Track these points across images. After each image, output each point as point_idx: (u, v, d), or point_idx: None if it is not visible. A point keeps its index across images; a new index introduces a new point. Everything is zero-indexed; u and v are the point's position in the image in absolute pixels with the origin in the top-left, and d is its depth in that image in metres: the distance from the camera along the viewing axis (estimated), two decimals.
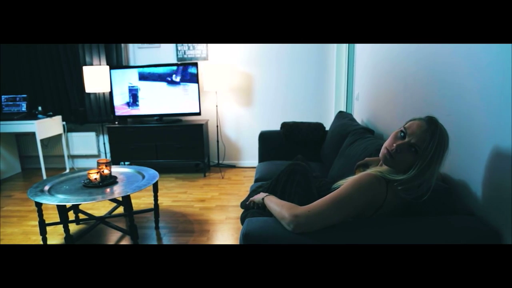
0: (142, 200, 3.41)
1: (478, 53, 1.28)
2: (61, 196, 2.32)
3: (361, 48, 3.21)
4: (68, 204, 2.22)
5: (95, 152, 4.76)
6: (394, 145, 1.21)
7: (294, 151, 2.95)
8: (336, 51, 4.11)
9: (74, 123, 4.66)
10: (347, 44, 3.83)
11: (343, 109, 4.01)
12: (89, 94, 4.48)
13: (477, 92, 1.28)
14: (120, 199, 2.93)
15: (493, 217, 1.22)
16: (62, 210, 2.31)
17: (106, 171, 2.59)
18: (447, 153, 1.16)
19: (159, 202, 3.32)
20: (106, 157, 4.72)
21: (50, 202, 2.22)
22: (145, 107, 4.26)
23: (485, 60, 1.24)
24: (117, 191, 2.42)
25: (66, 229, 2.34)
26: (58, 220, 2.78)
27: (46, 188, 2.48)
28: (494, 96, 1.18)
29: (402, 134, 1.22)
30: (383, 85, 2.47)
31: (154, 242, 2.60)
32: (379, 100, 2.56)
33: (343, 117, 2.80)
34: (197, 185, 3.91)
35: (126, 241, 2.63)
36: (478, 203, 1.31)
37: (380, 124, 2.52)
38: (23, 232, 2.85)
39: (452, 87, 1.47)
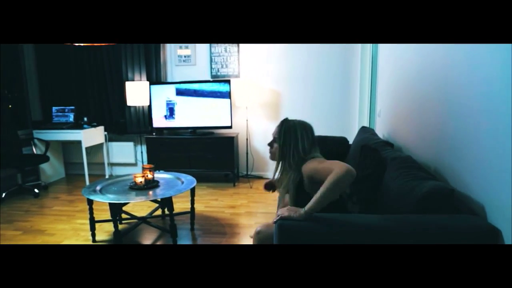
0: (177, 205, 3.70)
1: (485, 76, 1.52)
2: (111, 196, 2.64)
3: (382, 69, 3.44)
4: (119, 202, 2.53)
5: (132, 160, 5.13)
6: (270, 151, 1.93)
7: None
8: (360, 71, 4.34)
9: (115, 134, 5.05)
10: (370, 64, 4.06)
11: (366, 124, 4.22)
12: (129, 107, 4.87)
13: (480, 112, 1.51)
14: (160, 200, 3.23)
15: (493, 217, 1.43)
16: (114, 207, 2.63)
17: (149, 176, 2.90)
18: (297, 136, 1.79)
19: None
20: None
21: (103, 200, 2.54)
22: (181, 120, 4.61)
23: (490, 85, 1.47)
24: (160, 193, 2.72)
25: (116, 225, 2.65)
26: (102, 219, 3.11)
27: (98, 188, 2.81)
28: (493, 116, 1.40)
29: (269, 144, 1.94)
30: (401, 103, 2.69)
31: (190, 242, 2.87)
32: (398, 116, 2.78)
33: (365, 132, 3.02)
34: (227, 193, 4.18)
35: (164, 240, 2.91)
36: (480, 204, 1.52)
37: (399, 138, 2.73)
38: (73, 229, 3.18)
39: (460, 108, 1.70)
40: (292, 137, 1.80)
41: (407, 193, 1.65)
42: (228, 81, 4.45)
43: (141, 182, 2.83)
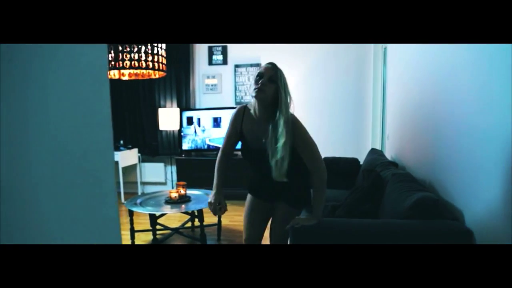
0: (205, 219, 4.08)
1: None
2: (150, 208, 3.06)
3: (390, 96, 3.80)
4: (157, 213, 2.95)
5: (162, 180, 5.58)
6: (259, 83, 1.67)
7: (333, 181, 3.52)
8: (372, 97, 4.71)
9: (147, 155, 5.54)
10: (382, 91, 4.42)
11: (378, 146, 4.54)
12: (161, 131, 5.36)
13: (460, 138, 1.87)
14: (196, 212, 3.63)
15: (469, 221, 1.75)
16: (152, 218, 3.05)
17: (182, 191, 3.32)
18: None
19: None
20: (172, 185, 5.52)
21: (144, 211, 2.96)
22: (207, 143, 5.05)
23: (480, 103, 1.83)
24: (192, 206, 3.12)
25: (154, 234, 3.05)
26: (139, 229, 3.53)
27: (138, 202, 3.24)
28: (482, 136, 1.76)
29: (258, 77, 1.70)
30: (405, 128, 3.04)
31: None
32: (402, 140, 3.12)
33: (374, 153, 3.37)
34: (234, 208, 4.54)
35: None
36: (460, 210, 1.85)
37: (403, 158, 3.06)
38: None
39: (445, 135, 2.06)
40: (287, 83, 1.75)
41: (401, 202, 1.99)
42: None
43: (175, 197, 3.25)
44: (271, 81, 1.68)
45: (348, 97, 4.89)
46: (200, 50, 5.29)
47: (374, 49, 4.60)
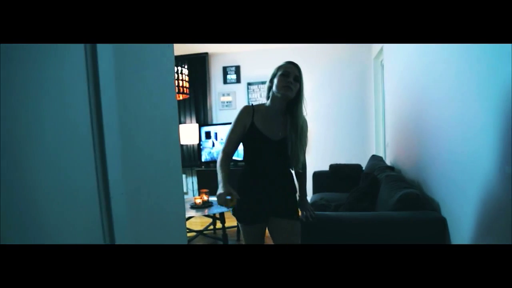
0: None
1: (441, 124, 2.31)
2: None
3: (388, 107, 4.22)
4: (186, 216, 3.40)
5: (184, 190, 6.06)
6: (289, 81, 1.78)
7: (338, 185, 3.95)
8: (374, 108, 5.13)
9: None
10: (382, 102, 4.84)
11: (381, 153, 4.95)
12: (182, 145, 5.86)
13: (438, 144, 2.29)
14: (217, 215, 4.08)
15: (444, 211, 2.16)
16: None
17: (205, 198, 3.78)
18: None
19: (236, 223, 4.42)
20: (193, 194, 5.99)
21: None
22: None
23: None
24: (214, 210, 3.57)
25: None
26: None
27: None
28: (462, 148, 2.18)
29: (283, 76, 1.80)
30: (401, 136, 3.46)
31: None
32: (399, 146, 3.53)
33: (375, 159, 3.78)
34: None
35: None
36: (437, 202, 2.26)
37: (400, 163, 3.47)
38: None
39: (428, 141, 2.48)
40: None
41: (391, 197, 2.40)
42: None
43: (199, 202, 3.71)
44: (296, 80, 1.81)
45: (352, 109, 5.32)
46: (216, 70, 5.80)
47: (374, 64, 5.04)
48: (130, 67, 1.13)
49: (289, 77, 1.79)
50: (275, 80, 1.83)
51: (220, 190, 1.77)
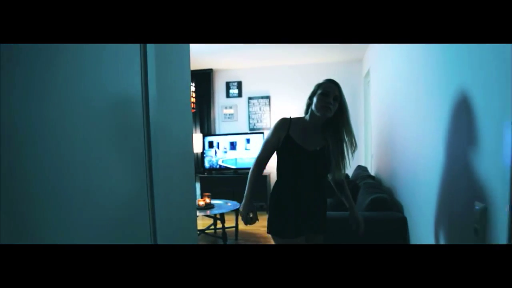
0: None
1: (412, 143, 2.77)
2: None
3: (373, 121, 4.69)
4: None
5: None
6: (328, 101, 1.74)
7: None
8: (364, 123, 5.59)
9: None
10: (370, 115, 5.31)
11: (368, 165, 5.40)
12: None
13: (406, 158, 2.75)
14: (218, 216, 4.51)
15: (405, 211, 2.62)
16: None
17: (207, 200, 4.23)
18: None
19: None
20: (196, 197, 6.43)
21: None
22: (229, 162, 5.99)
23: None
24: (215, 211, 4.03)
25: None
26: None
27: None
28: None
29: (322, 95, 1.76)
30: (380, 148, 3.92)
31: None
32: (380, 157, 3.99)
33: (359, 169, 4.24)
34: (262, 218, 5.38)
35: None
36: (400, 204, 2.72)
37: (381, 172, 3.93)
38: None
39: (399, 154, 2.94)
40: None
41: (364, 200, 2.85)
42: (262, 133, 5.83)
43: (202, 204, 4.16)
44: (335, 100, 1.77)
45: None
46: (219, 85, 6.31)
47: (364, 83, 5.53)
48: (162, 66, 1.50)
49: (328, 97, 1.76)
50: (315, 99, 1.80)
51: (243, 206, 1.91)
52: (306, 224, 1.87)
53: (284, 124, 1.88)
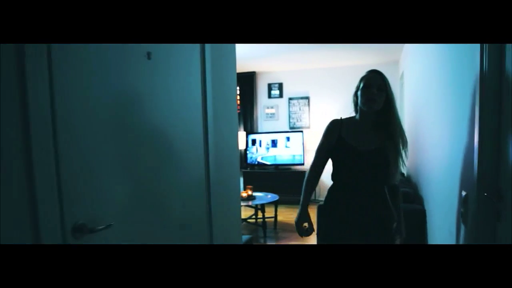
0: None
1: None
2: None
3: (406, 123, 4.91)
4: None
5: None
6: (372, 92, 1.63)
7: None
8: None
9: None
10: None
11: None
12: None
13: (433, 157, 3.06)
14: (259, 206, 4.96)
15: (425, 204, 2.92)
16: None
17: (250, 192, 4.70)
18: None
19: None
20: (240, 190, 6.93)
21: None
22: (267, 159, 6.43)
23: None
24: (257, 201, 4.49)
25: None
26: None
27: None
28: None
29: (365, 87, 1.66)
30: (412, 147, 4.19)
31: (274, 235, 4.55)
32: (411, 157, 4.26)
33: None
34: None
35: (258, 233, 4.63)
36: (421, 198, 3.02)
37: (410, 169, 4.19)
38: None
39: (429, 147, 3.24)
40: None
41: None
42: (301, 131, 6.22)
43: (245, 195, 4.64)
44: (380, 90, 1.65)
45: None
46: (262, 86, 6.76)
47: (399, 84, 5.73)
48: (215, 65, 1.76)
49: (371, 88, 1.65)
50: (359, 93, 1.71)
51: (297, 217, 1.85)
52: (358, 230, 1.72)
53: (335, 126, 1.81)
